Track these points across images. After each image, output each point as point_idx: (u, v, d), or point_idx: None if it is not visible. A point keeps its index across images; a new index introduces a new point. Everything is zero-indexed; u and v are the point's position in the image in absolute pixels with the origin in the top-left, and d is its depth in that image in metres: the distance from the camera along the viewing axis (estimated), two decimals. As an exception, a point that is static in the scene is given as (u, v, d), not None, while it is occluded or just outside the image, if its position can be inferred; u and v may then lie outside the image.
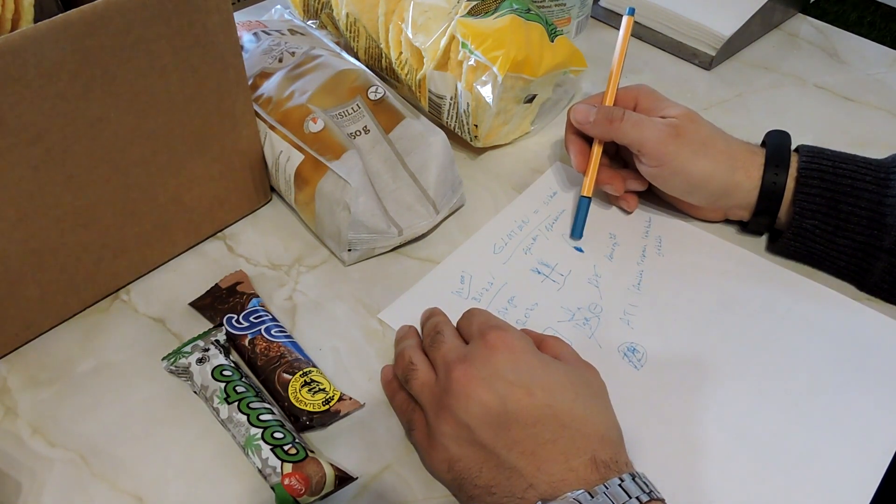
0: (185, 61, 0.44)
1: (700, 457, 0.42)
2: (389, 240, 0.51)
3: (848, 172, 0.48)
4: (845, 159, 0.49)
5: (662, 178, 0.51)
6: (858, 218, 0.48)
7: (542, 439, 0.35)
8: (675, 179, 0.51)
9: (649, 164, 0.50)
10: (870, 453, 0.42)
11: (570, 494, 0.33)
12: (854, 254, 0.49)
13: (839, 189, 0.48)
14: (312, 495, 0.38)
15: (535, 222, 0.56)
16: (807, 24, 0.79)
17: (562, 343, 0.43)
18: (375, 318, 0.49)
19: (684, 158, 0.49)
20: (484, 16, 0.57)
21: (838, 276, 0.51)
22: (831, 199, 0.48)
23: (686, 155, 0.49)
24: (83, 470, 0.41)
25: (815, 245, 0.50)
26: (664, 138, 0.49)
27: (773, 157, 0.50)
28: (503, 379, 0.37)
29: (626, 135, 0.50)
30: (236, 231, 0.55)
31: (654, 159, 0.50)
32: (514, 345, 0.39)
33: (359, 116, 0.52)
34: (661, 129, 0.50)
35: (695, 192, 0.51)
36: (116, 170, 0.45)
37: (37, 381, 0.45)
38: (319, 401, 0.43)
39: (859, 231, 0.48)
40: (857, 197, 0.48)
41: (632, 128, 0.50)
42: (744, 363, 0.46)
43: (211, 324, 0.48)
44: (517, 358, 0.38)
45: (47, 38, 0.37)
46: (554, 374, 0.38)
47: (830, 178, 0.48)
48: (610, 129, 0.51)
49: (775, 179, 0.49)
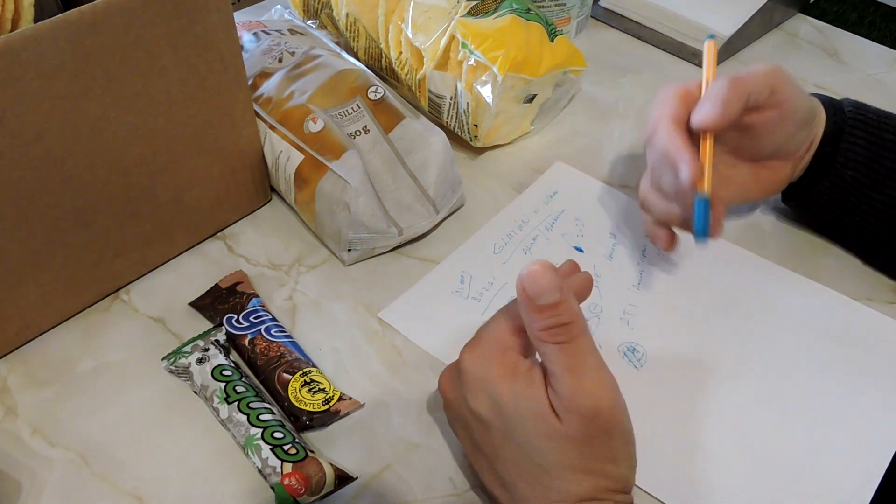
0: (185, 61, 0.44)
1: (700, 457, 0.42)
2: (389, 240, 0.51)
3: (891, 126, 0.48)
4: (889, 115, 0.50)
5: (791, 111, 0.47)
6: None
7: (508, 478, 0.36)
8: (800, 108, 0.47)
9: (783, 97, 0.46)
10: (870, 453, 0.42)
11: None
12: (886, 210, 0.49)
13: (883, 144, 0.48)
14: (312, 495, 0.38)
15: (535, 222, 0.56)
16: (807, 24, 0.79)
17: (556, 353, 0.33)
18: (375, 318, 0.49)
19: (798, 85, 0.47)
20: (484, 16, 0.57)
21: (854, 243, 0.51)
22: (873, 154, 0.48)
23: (796, 83, 0.47)
24: (83, 470, 0.41)
25: (849, 197, 0.49)
26: (779, 69, 0.46)
27: (826, 104, 0.50)
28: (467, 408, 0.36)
29: (755, 81, 0.45)
30: (236, 231, 0.55)
31: (787, 89, 0.46)
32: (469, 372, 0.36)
33: (359, 116, 0.52)
34: (773, 65, 0.47)
35: (809, 120, 0.48)
36: (116, 170, 0.45)
37: (37, 381, 0.45)
38: (319, 401, 0.43)
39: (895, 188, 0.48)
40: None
41: (753, 75, 0.45)
42: (744, 363, 0.46)
43: (211, 324, 0.48)
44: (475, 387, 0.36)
45: (47, 38, 0.37)
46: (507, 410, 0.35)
47: (874, 132, 0.49)
48: (740, 86, 0.44)
49: (836, 118, 0.49)
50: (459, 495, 0.40)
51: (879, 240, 0.50)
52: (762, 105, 0.46)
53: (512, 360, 0.35)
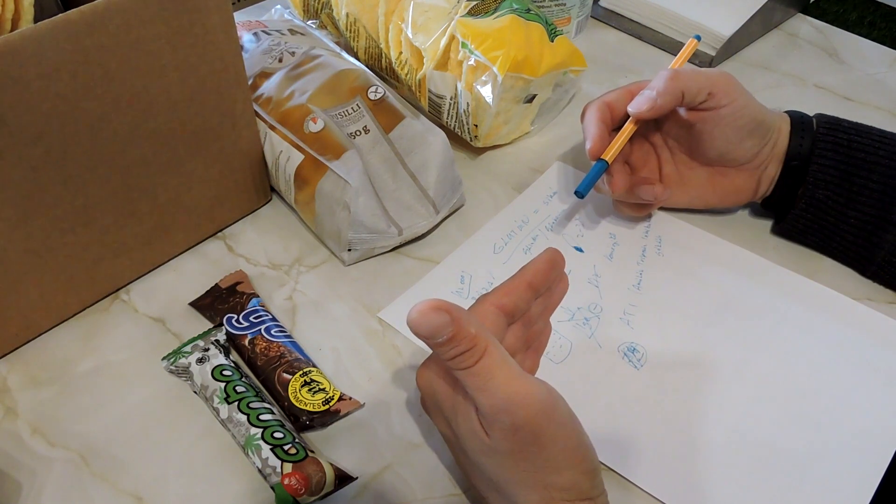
0: (185, 61, 0.44)
1: (700, 457, 0.42)
2: (389, 240, 0.51)
3: (862, 146, 0.49)
4: (861, 132, 0.50)
5: (731, 118, 0.49)
6: (870, 192, 0.48)
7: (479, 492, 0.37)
8: (743, 116, 0.49)
9: (721, 102, 0.49)
10: (870, 453, 0.42)
11: None
12: (864, 227, 0.49)
13: (853, 162, 0.49)
14: (312, 495, 0.38)
15: (535, 222, 0.56)
16: (807, 24, 0.79)
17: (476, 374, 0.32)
18: (375, 318, 0.49)
19: (748, 95, 0.50)
20: (484, 16, 0.57)
21: (844, 258, 0.52)
22: (845, 172, 0.49)
23: (746, 93, 0.50)
24: (83, 470, 0.41)
25: (827, 217, 0.50)
26: (728, 76, 0.50)
27: (798, 121, 0.51)
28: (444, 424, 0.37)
29: (694, 81, 0.49)
30: (236, 231, 0.55)
31: (728, 95, 0.49)
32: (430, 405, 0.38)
33: (359, 116, 0.52)
34: (723, 72, 0.50)
35: (755, 131, 0.50)
36: (116, 170, 0.45)
37: (37, 381, 0.45)
38: (319, 401, 0.43)
39: (870, 204, 0.48)
40: (871, 170, 0.48)
41: (696, 74, 0.49)
42: (744, 363, 0.46)
43: (211, 324, 0.48)
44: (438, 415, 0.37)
45: (47, 38, 0.37)
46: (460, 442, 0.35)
47: (845, 151, 0.49)
48: (678, 81, 0.49)
49: (801, 142, 0.50)
50: (459, 495, 0.40)
51: (863, 257, 0.51)
52: (699, 106, 0.49)
53: (451, 377, 0.35)
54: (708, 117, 0.50)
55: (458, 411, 0.34)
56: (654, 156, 0.55)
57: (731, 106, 0.49)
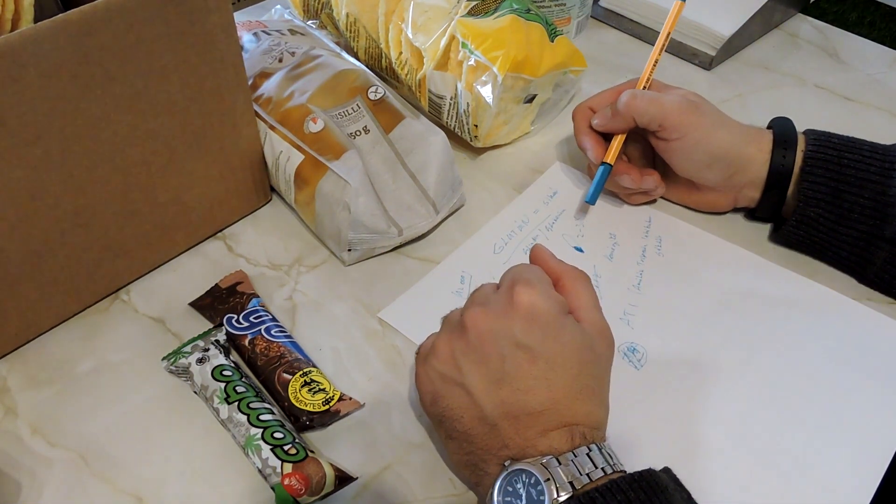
0: (185, 61, 0.44)
1: (700, 457, 0.42)
2: (389, 240, 0.51)
3: (852, 162, 0.48)
4: (851, 148, 0.49)
5: (683, 152, 0.51)
6: (862, 208, 0.48)
7: (530, 408, 0.35)
8: (696, 151, 0.50)
9: (672, 136, 0.50)
10: (870, 453, 0.42)
11: (539, 458, 0.34)
12: (856, 243, 0.49)
13: (843, 179, 0.48)
14: (312, 495, 0.38)
15: (535, 222, 0.56)
16: (807, 24, 0.79)
17: (584, 289, 0.40)
18: (375, 318, 0.49)
19: (705, 129, 0.50)
20: (484, 16, 0.57)
21: (840, 267, 0.52)
22: (835, 189, 0.48)
23: (706, 125, 0.50)
24: (83, 470, 0.41)
25: (819, 233, 0.50)
26: (685, 109, 0.50)
27: (780, 136, 0.51)
28: (511, 339, 0.36)
29: (645, 111, 0.50)
30: (236, 231, 0.55)
31: (677, 130, 0.50)
32: (535, 307, 0.37)
33: (359, 116, 0.52)
34: (680, 101, 0.50)
35: (714, 164, 0.51)
36: (116, 170, 0.45)
37: (37, 381, 0.45)
38: (319, 401, 0.43)
39: (862, 221, 0.48)
40: (861, 187, 0.48)
41: (650, 103, 0.50)
42: (744, 363, 0.46)
43: (211, 324, 0.48)
44: (533, 321, 0.37)
45: (47, 38, 0.37)
46: (563, 344, 0.37)
47: (835, 168, 0.49)
48: (630, 108, 0.51)
49: (783, 158, 0.50)
50: (459, 495, 0.40)
51: (856, 270, 0.51)
52: (654, 134, 0.52)
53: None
54: (662, 146, 0.52)
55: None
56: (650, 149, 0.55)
57: (682, 140, 0.50)
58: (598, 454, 0.34)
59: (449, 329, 0.39)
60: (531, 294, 0.37)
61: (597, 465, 0.34)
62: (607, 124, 0.53)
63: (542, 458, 0.34)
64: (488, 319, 0.37)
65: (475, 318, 0.37)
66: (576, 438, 0.35)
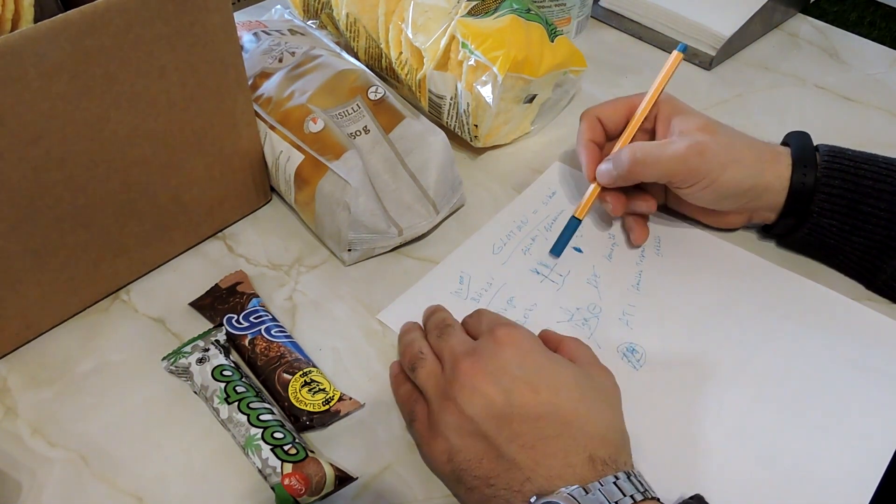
0: (185, 61, 0.44)
1: (700, 457, 0.42)
2: (389, 240, 0.51)
3: (869, 173, 0.48)
4: (867, 160, 0.49)
5: (694, 196, 0.50)
6: (878, 218, 0.48)
7: (544, 434, 0.36)
8: (707, 193, 0.49)
9: (682, 185, 0.49)
10: (870, 453, 0.42)
11: (565, 490, 0.33)
12: (868, 251, 0.49)
13: (860, 190, 0.48)
14: (312, 495, 0.38)
15: (535, 222, 0.56)
16: (807, 24, 0.79)
17: (580, 346, 0.42)
18: (375, 318, 0.49)
19: (715, 173, 0.48)
20: (484, 16, 0.57)
21: (848, 273, 0.52)
22: (852, 200, 0.48)
23: (716, 169, 0.48)
24: (83, 470, 0.41)
25: (830, 240, 0.50)
26: (690, 158, 0.48)
27: (799, 156, 0.49)
28: (509, 374, 0.37)
29: (650, 174, 0.49)
30: (236, 231, 0.55)
31: (686, 181, 0.49)
32: (522, 342, 0.39)
33: (359, 116, 0.52)
34: (685, 151, 0.48)
35: (727, 199, 0.50)
36: (116, 170, 0.45)
37: (37, 381, 0.45)
38: (319, 401, 0.43)
39: (877, 231, 0.48)
40: (878, 198, 0.48)
41: (653, 165, 0.49)
42: (743, 363, 0.46)
43: (211, 324, 0.48)
44: (524, 355, 0.39)
45: (47, 38, 0.37)
46: (561, 373, 0.38)
47: (852, 179, 0.48)
48: (633, 175, 0.50)
49: (804, 179, 0.49)
50: (459, 495, 0.40)
51: (867, 275, 0.51)
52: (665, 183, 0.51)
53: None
54: (673, 188, 0.51)
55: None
56: None
57: (693, 187, 0.49)
58: (627, 482, 0.34)
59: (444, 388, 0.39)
60: (514, 333, 0.40)
61: (625, 494, 0.33)
62: (613, 182, 0.51)
63: (569, 488, 0.33)
64: (482, 363, 0.38)
65: (469, 368, 0.38)
66: (597, 465, 0.35)
